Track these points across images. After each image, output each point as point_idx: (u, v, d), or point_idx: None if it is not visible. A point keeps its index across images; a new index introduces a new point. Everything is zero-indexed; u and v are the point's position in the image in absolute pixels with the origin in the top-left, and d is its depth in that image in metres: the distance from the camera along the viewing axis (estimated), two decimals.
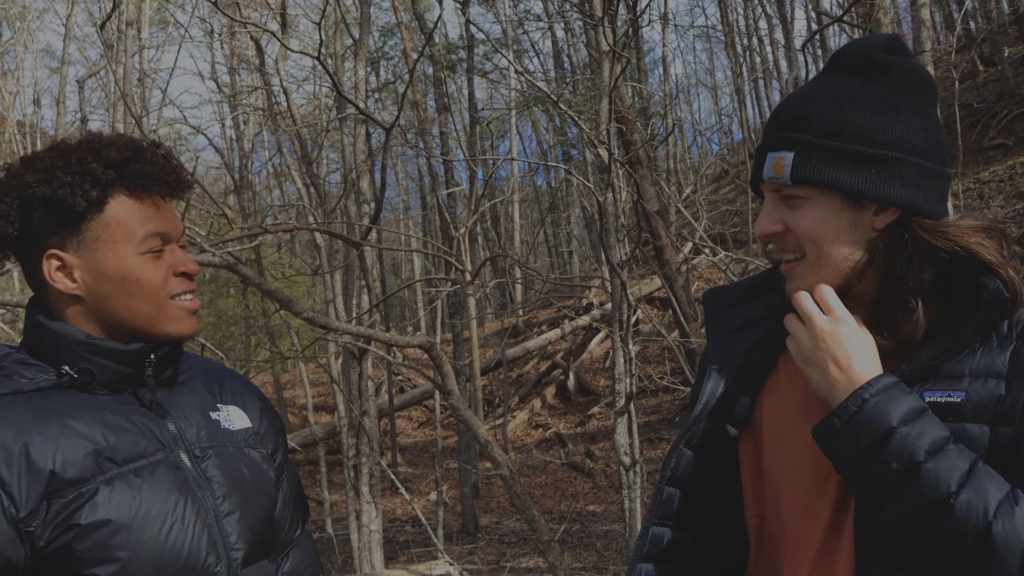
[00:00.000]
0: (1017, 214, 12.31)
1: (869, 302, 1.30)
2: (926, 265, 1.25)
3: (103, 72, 14.58)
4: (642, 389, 13.59)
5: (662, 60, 18.68)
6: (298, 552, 1.60)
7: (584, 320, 17.36)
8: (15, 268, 1.47)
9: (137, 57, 12.58)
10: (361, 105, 6.20)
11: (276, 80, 11.09)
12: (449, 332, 14.43)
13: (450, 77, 17.62)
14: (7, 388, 1.31)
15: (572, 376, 16.43)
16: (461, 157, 14.23)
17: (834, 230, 1.27)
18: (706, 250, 8.50)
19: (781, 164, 1.28)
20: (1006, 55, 15.26)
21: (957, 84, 13.04)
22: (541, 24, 19.66)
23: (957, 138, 12.14)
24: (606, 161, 5.19)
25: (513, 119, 20.78)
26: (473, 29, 16.36)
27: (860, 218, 1.27)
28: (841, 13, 5.38)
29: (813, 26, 19.05)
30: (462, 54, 17.54)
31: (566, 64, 22.36)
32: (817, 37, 17.77)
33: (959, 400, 1.19)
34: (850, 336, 1.23)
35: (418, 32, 16.71)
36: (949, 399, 1.20)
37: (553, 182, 25.50)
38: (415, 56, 14.73)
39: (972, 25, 18.53)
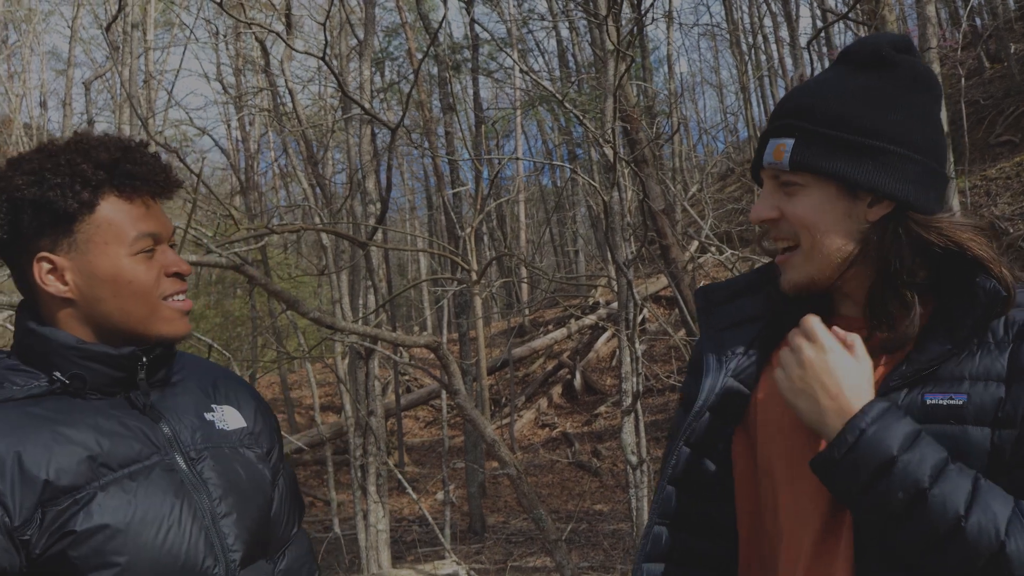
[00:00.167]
0: None
1: (864, 297, 1.31)
2: (920, 260, 1.26)
3: (109, 74, 14.62)
4: (649, 388, 13.56)
5: (667, 58, 18.70)
6: (294, 550, 1.59)
7: (590, 319, 17.33)
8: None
9: (143, 59, 12.59)
10: (366, 105, 6.21)
11: (281, 81, 11.10)
12: (455, 332, 14.45)
13: (455, 77, 17.63)
14: None
15: (578, 375, 16.41)
16: (466, 157, 14.24)
17: (828, 219, 1.28)
18: (712, 248, 8.49)
19: (781, 150, 1.30)
20: (1012, 51, 15.20)
21: (963, 81, 12.98)
22: (546, 23, 19.68)
23: (964, 135, 12.09)
24: (611, 160, 5.19)
25: (518, 118, 20.78)
26: (478, 29, 16.36)
27: (854, 209, 1.28)
28: (846, 10, 5.37)
29: (818, 23, 19.01)
30: (467, 54, 17.55)
31: (571, 63, 22.37)
32: (822, 35, 17.75)
33: (961, 403, 1.19)
34: (837, 362, 1.22)
35: (423, 32, 16.70)
36: (951, 401, 1.19)
37: (559, 181, 25.50)
38: (420, 56, 14.72)
39: (978, 21, 18.46)
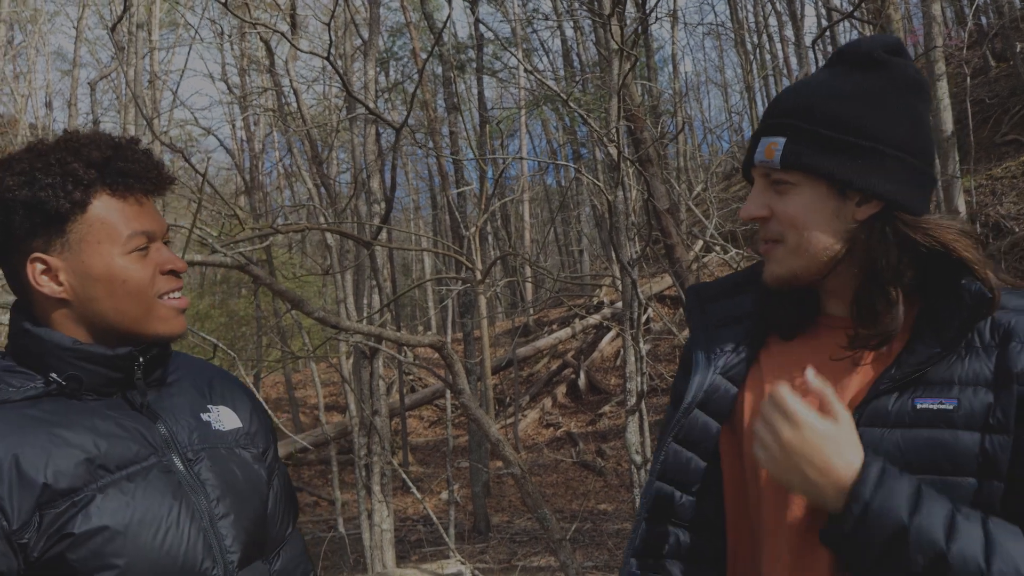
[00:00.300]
0: None
1: (851, 295, 1.32)
2: (907, 260, 1.27)
3: (114, 74, 14.65)
4: (653, 387, 13.55)
5: (672, 58, 18.65)
6: (288, 550, 1.58)
7: (595, 319, 17.33)
8: None
9: (148, 59, 12.64)
10: (371, 105, 6.21)
11: (286, 81, 11.12)
12: (460, 331, 14.45)
13: (459, 76, 17.64)
14: None
15: (583, 375, 16.41)
16: (471, 156, 14.25)
17: (817, 218, 1.29)
18: (717, 248, 8.48)
19: (772, 149, 1.30)
20: (1018, 50, 15.14)
21: (969, 80, 12.95)
22: (550, 23, 19.68)
23: (969, 134, 12.06)
24: (616, 159, 5.19)
25: (523, 118, 20.80)
26: (482, 28, 16.37)
27: (843, 208, 1.29)
28: (851, 9, 5.36)
29: (823, 22, 18.97)
30: (471, 53, 17.56)
31: (575, 63, 22.36)
32: (827, 34, 17.70)
33: (951, 408, 1.19)
34: (817, 437, 1.17)
35: (427, 32, 16.73)
36: (942, 406, 1.20)
37: (563, 181, 25.51)
38: (424, 56, 14.72)
39: (984, 20, 18.39)
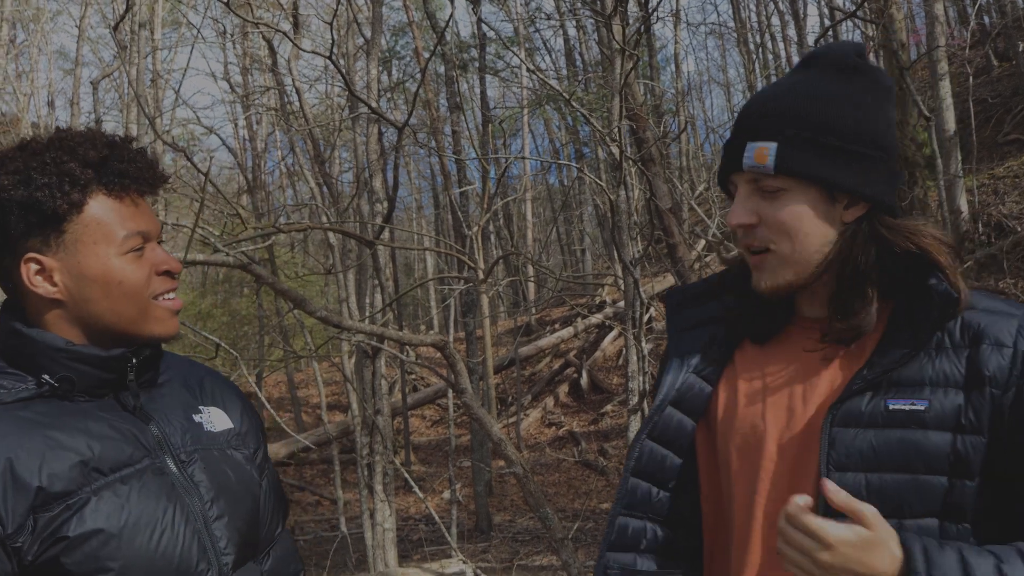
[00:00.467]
0: None
1: (828, 295, 1.34)
2: (884, 260, 1.29)
3: (117, 73, 14.66)
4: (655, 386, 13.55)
5: (674, 57, 18.61)
6: (278, 549, 1.57)
7: (597, 318, 17.32)
8: None
9: (150, 58, 12.64)
10: (373, 104, 6.21)
11: (288, 80, 11.12)
12: (462, 330, 14.44)
13: (462, 76, 17.62)
14: None
15: (585, 374, 16.41)
16: (473, 156, 14.24)
17: (809, 223, 1.29)
18: (719, 247, 8.48)
19: (764, 153, 1.29)
20: (1021, 50, 15.10)
21: (971, 79, 12.95)
22: (553, 22, 19.65)
23: (972, 134, 12.05)
24: (618, 159, 5.19)
25: (525, 117, 20.78)
26: (485, 27, 16.37)
27: (832, 212, 1.30)
28: (854, 8, 5.35)
29: (826, 22, 18.95)
30: (474, 53, 17.54)
31: (578, 62, 22.33)
32: (830, 33, 17.68)
33: (923, 408, 1.22)
34: (852, 547, 1.12)
35: (430, 31, 16.73)
36: (914, 407, 1.22)
37: (565, 180, 25.46)
38: (427, 55, 14.75)
39: (986, 20, 18.37)
